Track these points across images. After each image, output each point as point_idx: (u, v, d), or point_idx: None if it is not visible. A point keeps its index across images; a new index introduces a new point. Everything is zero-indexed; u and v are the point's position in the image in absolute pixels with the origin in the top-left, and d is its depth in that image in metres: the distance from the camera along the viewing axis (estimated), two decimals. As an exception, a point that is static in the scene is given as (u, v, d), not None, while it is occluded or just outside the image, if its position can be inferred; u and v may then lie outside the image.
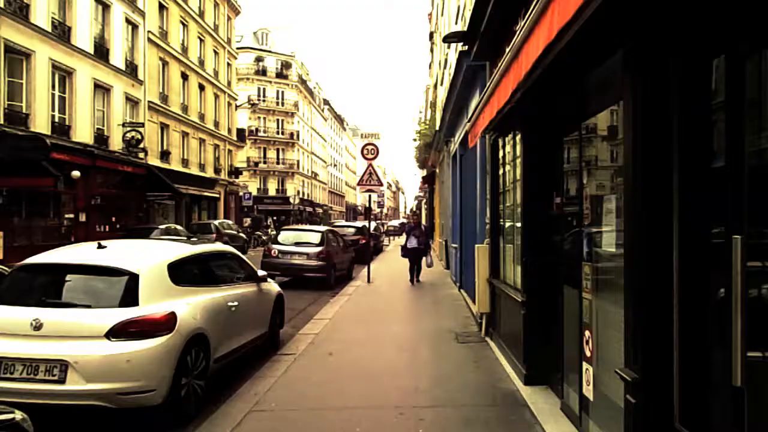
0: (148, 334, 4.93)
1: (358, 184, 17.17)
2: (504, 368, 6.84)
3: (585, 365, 4.33)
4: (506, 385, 6.13)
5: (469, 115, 9.54)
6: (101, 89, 24.66)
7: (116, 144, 25.61)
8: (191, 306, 5.58)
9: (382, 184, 17.07)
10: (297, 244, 15.72)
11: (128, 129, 26.11)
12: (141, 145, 26.51)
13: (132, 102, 27.42)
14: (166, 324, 5.07)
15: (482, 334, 8.73)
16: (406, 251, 16.02)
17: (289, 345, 8.12)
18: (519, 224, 6.82)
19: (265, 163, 62.51)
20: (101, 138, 24.63)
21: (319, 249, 15.39)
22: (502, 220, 8.28)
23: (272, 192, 62.29)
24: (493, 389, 6.03)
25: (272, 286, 8.35)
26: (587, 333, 4.31)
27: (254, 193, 55.73)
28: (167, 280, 5.50)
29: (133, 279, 5.18)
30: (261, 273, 7.69)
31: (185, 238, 23.15)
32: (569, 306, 4.97)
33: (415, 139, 36.24)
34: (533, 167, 6.18)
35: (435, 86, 30.76)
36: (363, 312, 11.24)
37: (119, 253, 5.74)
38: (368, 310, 11.56)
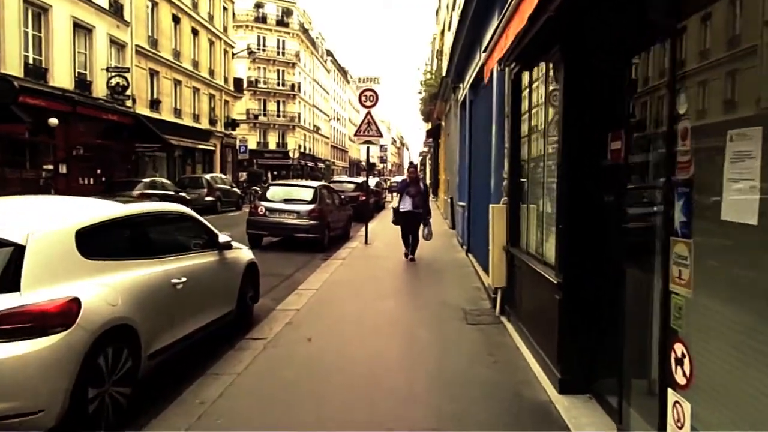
0: (32, 332, 3.44)
1: (356, 135, 15.43)
2: (528, 363, 5.36)
3: (673, 396, 2.83)
4: (534, 393, 4.64)
5: (484, 47, 7.84)
6: (82, 29, 22.71)
7: (100, 90, 23.80)
8: (109, 288, 4.07)
9: (381, 135, 15.34)
10: (287, 201, 14.09)
11: (113, 74, 24.27)
12: (127, 92, 24.71)
13: (117, 45, 25.48)
14: (60, 316, 3.57)
15: (496, 312, 7.25)
16: (397, 216, 12.20)
17: (263, 325, 6.63)
18: (551, 179, 5.26)
19: (265, 115, 60.32)
20: (83, 83, 22.84)
21: (311, 207, 13.80)
22: (525, 174, 6.70)
23: (272, 146, 60.26)
24: (517, 398, 4.55)
25: (241, 253, 6.81)
26: (679, 348, 2.79)
27: (254, 146, 53.85)
28: (74, 253, 3.97)
29: (17, 252, 3.64)
30: (223, 239, 6.11)
31: (172, 192, 21.77)
32: (639, 299, 3.45)
33: (420, 91, 34.36)
34: (578, 99, 4.56)
35: (442, 33, 28.71)
36: (356, 280, 9.75)
37: (3, 215, 4.18)
38: (362, 277, 10.08)
